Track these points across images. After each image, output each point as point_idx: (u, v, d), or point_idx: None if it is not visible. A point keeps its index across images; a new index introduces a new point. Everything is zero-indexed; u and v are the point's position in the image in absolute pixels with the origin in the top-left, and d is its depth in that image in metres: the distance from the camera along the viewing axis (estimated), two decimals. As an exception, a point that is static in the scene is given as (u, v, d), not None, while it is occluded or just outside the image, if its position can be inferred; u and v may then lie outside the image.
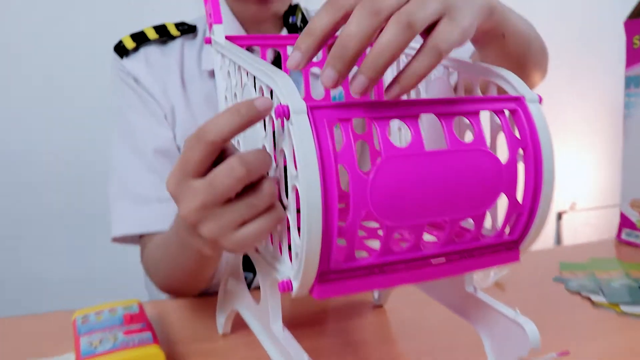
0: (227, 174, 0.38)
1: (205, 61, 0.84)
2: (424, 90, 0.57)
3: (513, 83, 0.44)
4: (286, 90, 0.37)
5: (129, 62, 0.82)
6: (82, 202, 1.65)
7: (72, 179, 1.64)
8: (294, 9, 0.87)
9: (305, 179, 0.35)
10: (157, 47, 0.84)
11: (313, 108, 0.36)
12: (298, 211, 0.37)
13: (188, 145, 0.39)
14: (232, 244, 0.40)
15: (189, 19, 0.88)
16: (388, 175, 0.37)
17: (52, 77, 1.60)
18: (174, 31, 0.84)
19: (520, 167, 0.42)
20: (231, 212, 0.39)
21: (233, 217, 0.39)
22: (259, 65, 0.42)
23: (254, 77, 0.45)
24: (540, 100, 0.43)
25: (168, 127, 0.81)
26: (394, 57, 0.36)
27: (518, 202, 0.42)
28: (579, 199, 2.48)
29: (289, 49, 0.85)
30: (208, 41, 0.60)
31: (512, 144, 0.41)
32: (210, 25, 0.60)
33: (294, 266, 0.38)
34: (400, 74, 0.38)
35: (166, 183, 0.41)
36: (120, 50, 0.82)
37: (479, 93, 0.48)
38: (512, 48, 0.54)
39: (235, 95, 0.52)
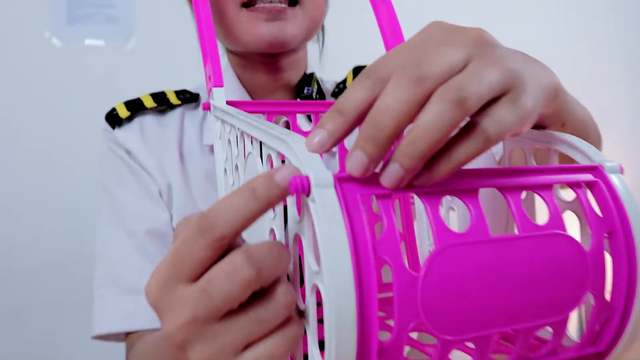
0: (229, 277, 0.27)
1: (207, 134, 0.73)
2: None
3: (584, 150, 0.35)
4: (304, 156, 0.28)
5: (121, 133, 0.71)
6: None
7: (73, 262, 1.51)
8: (308, 78, 0.75)
9: (333, 276, 0.25)
10: (154, 117, 0.74)
11: (342, 180, 0.27)
12: (320, 321, 0.27)
13: (185, 238, 0.28)
14: None
15: (191, 87, 0.79)
16: (445, 271, 0.27)
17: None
18: (173, 99, 0.74)
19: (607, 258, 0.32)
20: (232, 330, 0.28)
21: (234, 337, 0.28)
22: (267, 128, 0.33)
23: (260, 144, 0.36)
24: (622, 170, 0.34)
25: (163, 207, 0.70)
26: (438, 142, 0.27)
27: (607, 302, 0.32)
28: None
29: (300, 118, 0.76)
30: (207, 107, 0.51)
31: (596, 226, 0.32)
32: (210, 90, 0.52)
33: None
34: (435, 159, 0.28)
35: (146, 287, 0.30)
36: (113, 119, 0.72)
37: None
38: None
39: (236, 167, 0.43)
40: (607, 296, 0.32)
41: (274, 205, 0.28)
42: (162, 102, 0.74)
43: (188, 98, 0.75)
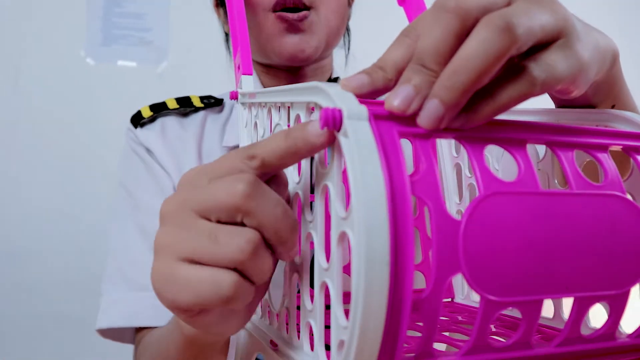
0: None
1: (228, 136, 0.73)
2: (496, 160, 0.45)
3: (637, 120, 0.32)
4: (336, 92, 0.25)
5: (142, 132, 0.71)
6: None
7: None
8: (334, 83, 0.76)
9: (365, 217, 0.22)
10: (176, 118, 0.73)
11: (378, 116, 0.25)
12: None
13: (226, 159, 0.28)
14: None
15: (217, 94, 0.79)
16: (489, 221, 0.24)
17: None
18: (197, 103, 0.74)
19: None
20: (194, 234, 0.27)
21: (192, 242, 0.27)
22: (296, 87, 0.31)
23: (289, 107, 0.34)
24: (683, 142, 0.31)
25: None
26: (482, 74, 0.24)
27: (672, 281, 0.28)
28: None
29: None
30: (234, 96, 0.49)
31: (659, 194, 0.28)
32: (238, 80, 0.51)
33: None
34: (476, 100, 0.25)
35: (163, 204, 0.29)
36: (136, 119, 0.73)
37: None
38: None
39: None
40: (672, 275, 0.28)
41: (303, 153, 0.26)
42: (185, 105, 0.74)
43: (212, 102, 0.75)
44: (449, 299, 0.49)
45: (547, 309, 0.39)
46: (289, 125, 0.34)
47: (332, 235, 0.25)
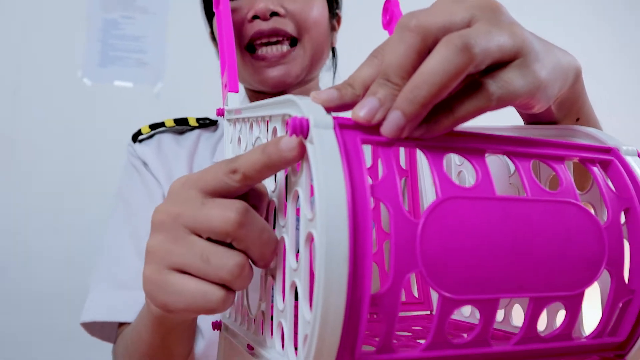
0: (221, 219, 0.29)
1: (219, 153, 0.77)
2: (472, 174, 0.47)
3: (599, 136, 0.34)
4: (306, 104, 0.27)
5: (140, 147, 0.77)
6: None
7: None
8: None
9: (326, 218, 0.23)
10: (172, 136, 0.79)
11: (343, 125, 0.26)
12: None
13: (210, 171, 0.31)
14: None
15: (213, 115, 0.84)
16: (447, 223, 0.25)
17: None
18: (193, 123, 0.80)
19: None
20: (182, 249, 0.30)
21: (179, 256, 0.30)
22: (275, 100, 0.33)
23: (268, 121, 0.35)
24: (639, 154, 0.33)
25: None
26: (441, 89, 0.26)
27: (625, 284, 0.29)
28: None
29: None
30: (220, 113, 0.51)
31: (612, 202, 0.30)
32: (225, 97, 0.53)
33: (300, 356, 0.25)
34: (436, 112, 0.27)
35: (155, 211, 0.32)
36: (136, 136, 0.79)
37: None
38: None
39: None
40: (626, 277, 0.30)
41: (277, 166, 0.29)
42: (182, 124, 0.78)
43: (207, 123, 0.79)
44: (428, 312, 0.50)
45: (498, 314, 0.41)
46: (267, 139, 0.35)
47: (300, 237, 0.27)
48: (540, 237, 0.27)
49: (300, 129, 0.26)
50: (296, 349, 0.28)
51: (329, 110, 0.28)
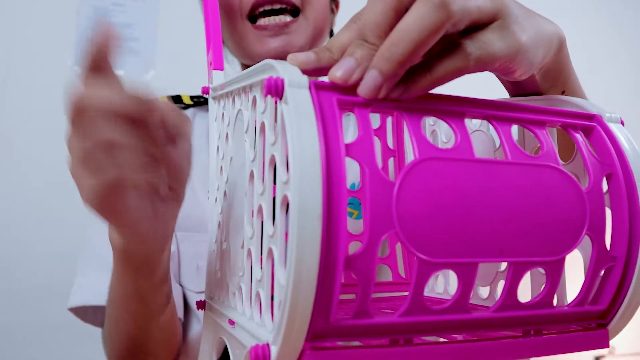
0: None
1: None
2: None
3: (583, 104, 0.34)
4: (283, 67, 0.27)
5: None
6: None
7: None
8: None
9: (299, 177, 0.23)
10: None
11: (319, 86, 0.26)
12: None
13: None
14: None
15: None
16: (424, 184, 0.25)
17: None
18: (187, 101, 0.77)
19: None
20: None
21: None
22: (254, 69, 0.32)
23: (249, 92, 0.35)
24: (622, 122, 0.32)
25: None
26: (418, 46, 0.25)
27: (607, 250, 0.29)
28: (619, 342, 2.19)
29: None
30: (205, 91, 0.51)
31: (594, 167, 0.29)
32: (210, 74, 0.52)
33: (275, 322, 0.25)
34: (413, 73, 0.27)
35: None
36: None
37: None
38: None
39: (226, 137, 0.42)
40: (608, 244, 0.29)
41: None
42: (175, 102, 0.76)
43: (202, 101, 0.77)
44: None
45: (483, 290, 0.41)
46: (249, 110, 0.34)
47: (277, 201, 0.26)
48: (520, 200, 0.26)
49: (275, 89, 0.25)
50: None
51: (306, 73, 0.27)
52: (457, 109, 0.27)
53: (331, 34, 0.80)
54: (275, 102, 0.26)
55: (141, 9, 1.50)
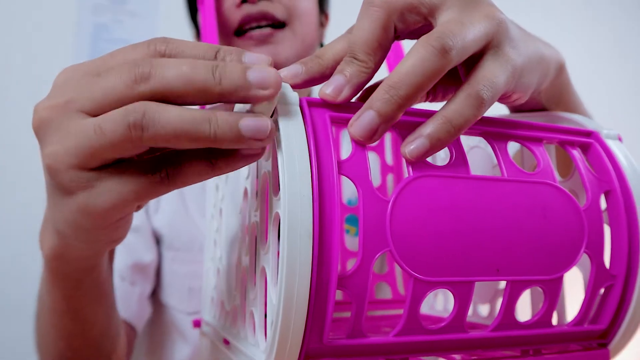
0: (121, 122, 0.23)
1: None
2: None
3: (579, 120, 0.33)
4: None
5: None
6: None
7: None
8: None
9: (290, 195, 0.22)
10: None
11: (312, 103, 0.25)
12: None
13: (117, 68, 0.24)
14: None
15: None
16: (418, 201, 0.24)
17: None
18: None
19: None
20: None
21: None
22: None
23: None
24: (620, 139, 0.32)
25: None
26: (417, 90, 0.25)
27: (606, 268, 0.28)
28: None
29: None
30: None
31: (592, 184, 0.29)
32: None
33: (268, 342, 0.24)
34: (426, 125, 0.26)
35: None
36: None
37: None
38: None
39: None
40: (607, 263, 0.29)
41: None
42: None
43: None
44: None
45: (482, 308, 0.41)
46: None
47: (269, 219, 0.26)
48: (516, 218, 0.26)
49: None
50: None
51: (296, 87, 0.27)
52: (452, 126, 0.27)
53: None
54: None
55: (139, 25, 1.50)
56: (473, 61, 0.27)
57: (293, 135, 0.24)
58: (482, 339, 0.26)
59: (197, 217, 0.65)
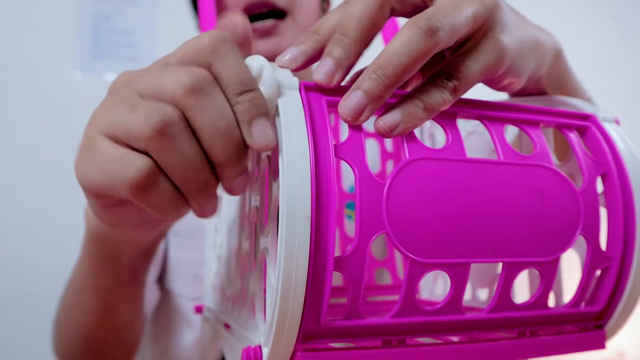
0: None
1: None
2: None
3: (577, 104, 0.33)
4: (273, 68, 0.27)
5: None
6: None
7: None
8: None
9: (289, 177, 0.23)
10: None
11: (309, 87, 0.26)
12: None
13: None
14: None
15: None
16: (415, 184, 0.24)
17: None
18: None
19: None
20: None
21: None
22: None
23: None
24: (618, 122, 0.32)
25: None
26: (404, 71, 0.25)
27: (602, 251, 0.29)
28: (628, 346, 2.16)
29: None
30: None
31: (588, 167, 0.29)
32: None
33: (267, 323, 0.25)
34: (397, 104, 0.26)
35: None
36: None
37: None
38: None
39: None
40: (603, 245, 0.29)
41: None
42: None
43: None
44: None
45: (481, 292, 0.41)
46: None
47: (269, 203, 0.26)
48: (512, 200, 0.26)
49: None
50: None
51: (298, 69, 0.28)
52: (449, 109, 0.27)
53: None
54: None
55: (139, 15, 1.49)
56: (463, 44, 0.27)
57: (293, 120, 0.24)
58: (478, 321, 0.27)
59: None
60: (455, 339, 0.29)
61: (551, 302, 0.31)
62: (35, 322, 1.44)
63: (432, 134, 0.47)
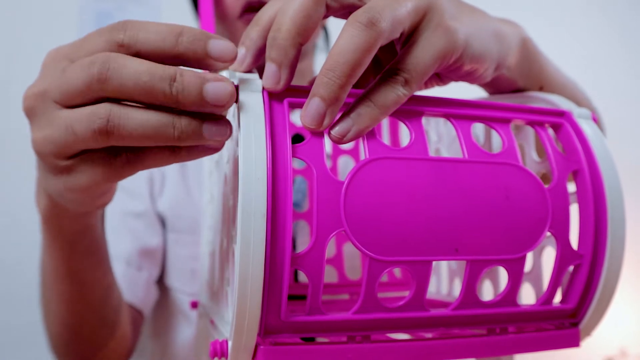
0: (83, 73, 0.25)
1: None
2: (446, 150, 0.46)
3: (555, 101, 0.33)
4: (237, 75, 0.27)
5: None
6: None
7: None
8: None
9: (245, 176, 0.23)
10: None
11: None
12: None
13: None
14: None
15: None
16: (374, 182, 0.25)
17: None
18: None
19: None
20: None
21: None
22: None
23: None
24: (595, 119, 0.32)
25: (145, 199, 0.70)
26: (353, 67, 0.25)
27: (572, 248, 0.29)
28: (631, 343, 2.11)
29: None
30: None
31: (559, 163, 0.29)
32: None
33: (231, 318, 0.25)
34: (349, 109, 0.26)
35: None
36: None
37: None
38: None
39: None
40: (574, 243, 0.29)
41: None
42: None
43: None
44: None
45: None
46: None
47: (237, 197, 0.27)
48: (476, 198, 0.26)
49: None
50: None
51: (251, 66, 0.28)
52: (415, 108, 0.28)
53: (325, 32, 0.80)
54: None
55: (143, 14, 1.51)
56: (410, 38, 0.27)
57: (252, 122, 0.24)
58: (443, 317, 0.27)
59: (199, 200, 0.67)
60: (428, 335, 0.29)
61: (532, 299, 0.31)
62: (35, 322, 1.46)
63: (437, 149, 0.47)
